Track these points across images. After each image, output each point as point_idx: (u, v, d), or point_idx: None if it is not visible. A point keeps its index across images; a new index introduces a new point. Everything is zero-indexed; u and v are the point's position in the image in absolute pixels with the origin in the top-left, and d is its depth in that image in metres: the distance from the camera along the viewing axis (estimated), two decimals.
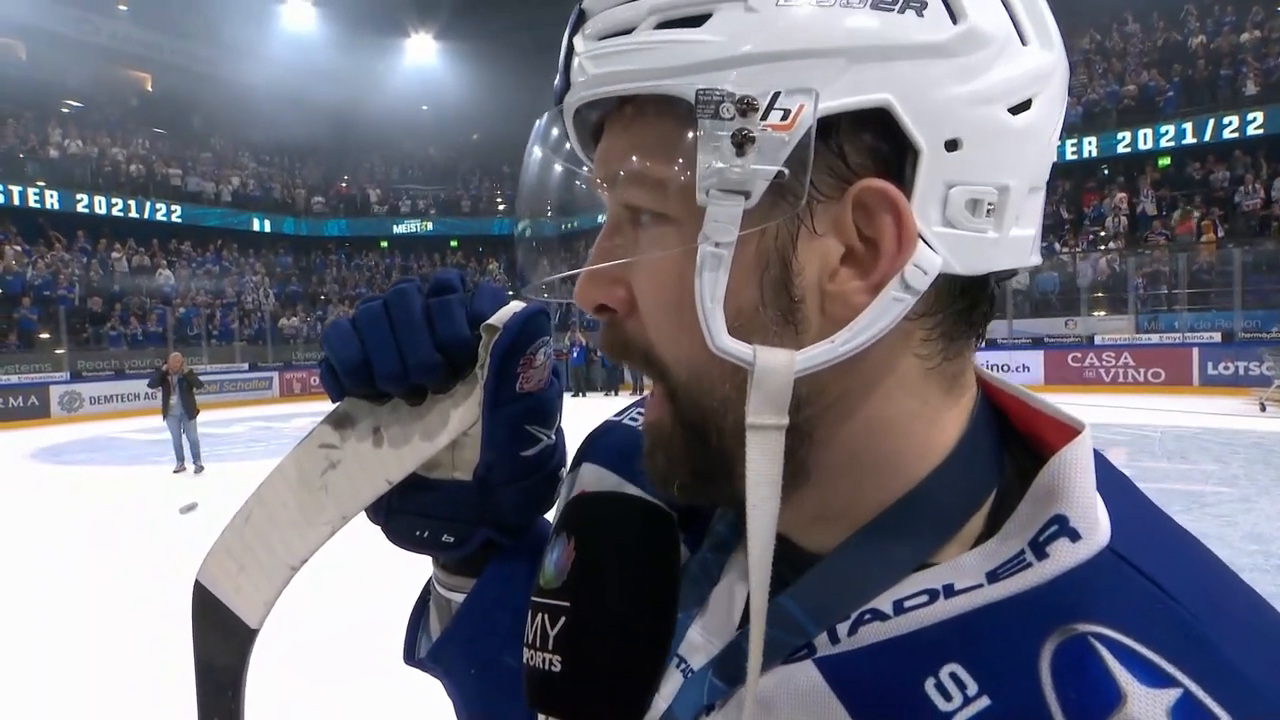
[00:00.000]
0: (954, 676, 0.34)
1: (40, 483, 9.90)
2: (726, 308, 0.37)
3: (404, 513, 0.55)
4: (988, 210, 0.37)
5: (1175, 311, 16.76)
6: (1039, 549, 0.36)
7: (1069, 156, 21.08)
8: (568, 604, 0.41)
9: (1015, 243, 0.38)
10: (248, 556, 0.52)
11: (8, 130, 23.51)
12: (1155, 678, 0.31)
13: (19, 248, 21.37)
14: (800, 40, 0.34)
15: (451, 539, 0.55)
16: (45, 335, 19.18)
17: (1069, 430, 0.39)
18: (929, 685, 0.34)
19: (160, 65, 29.70)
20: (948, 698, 0.34)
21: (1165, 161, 20.09)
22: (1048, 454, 0.38)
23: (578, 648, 0.40)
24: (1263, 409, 12.00)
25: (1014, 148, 0.37)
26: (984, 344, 0.43)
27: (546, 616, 0.41)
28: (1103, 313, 17.72)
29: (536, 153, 0.44)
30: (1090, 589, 0.34)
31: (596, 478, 0.54)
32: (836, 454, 0.40)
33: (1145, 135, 20.08)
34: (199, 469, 9.59)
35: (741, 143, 0.34)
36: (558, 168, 0.44)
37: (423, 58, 34.47)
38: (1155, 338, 16.21)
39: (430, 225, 31.51)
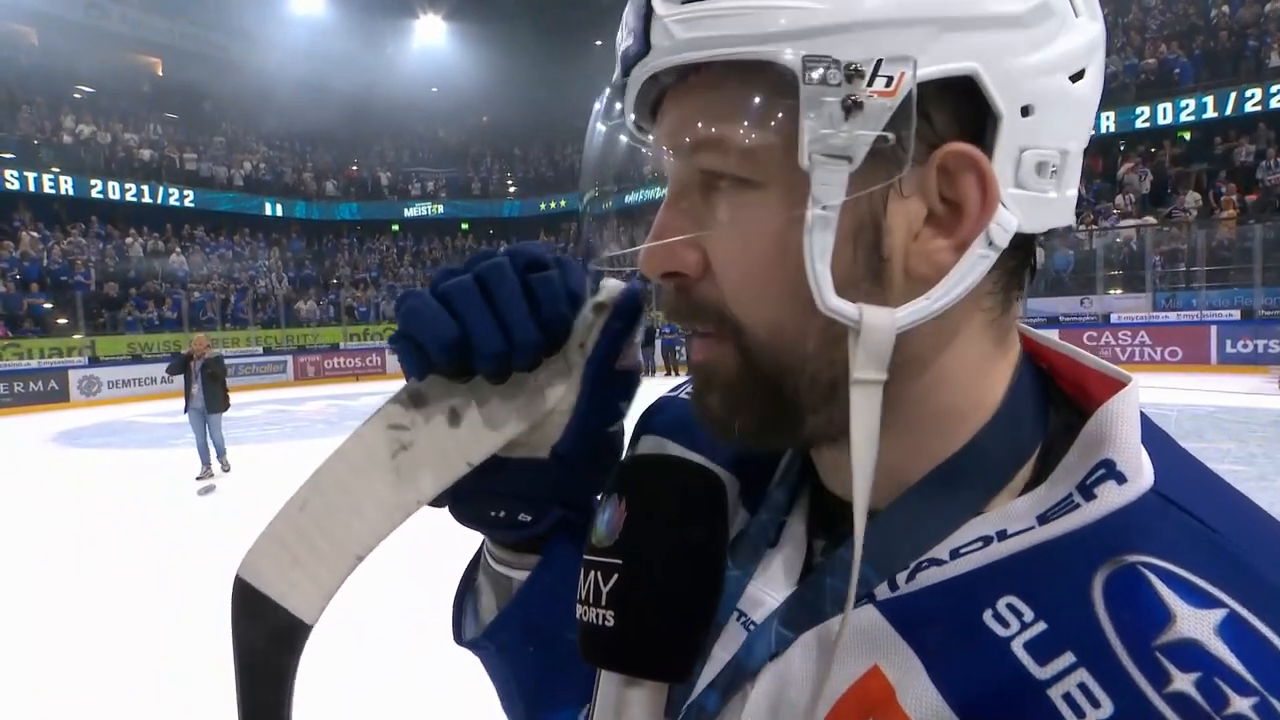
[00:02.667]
0: (1010, 607, 0.36)
1: (60, 465, 10.07)
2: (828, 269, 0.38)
3: (480, 492, 0.54)
4: (1051, 172, 0.39)
5: (1194, 289, 16.56)
6: (1087, 491, 0.38)
7: None
8: (620, 562, 0.42)
9: (1068, 202, 0.41)
10: (303, 547, 0.49)
11: (21, 117, 23.65)
12: (1201, 599, 0.33)
13: (35, 234, 21.58)
14: (898, 9, 0.36)
15: (529, 518, 0.55)
16: (63, 320, 19.44)
17: (1115, 383, 0.41)
18: (987, 616, 0.36)
19: (171, 50, 29.76)
20: (1005, 625, 0.36)
21: (1185, 136, 19.76)
22: (1093, 408, 0.40)
23: (629, 603, 0.41)
24: None
25: (1074, 114, 0.40)
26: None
27: (599, 574, 0.42)
28: (1119, 291, 17.52)
29: (602, 126, 0.44)
30: (1137, 525, 0.36)
31: (657, 447, 0.56)
32: (906, 408, 0.41)
33: (1165, 109, 19.75)
34: (225, 467, 8.53)
35: (850, 109, 0.35)
36: (625, 139, 0.44)
37: (432, 39, 34.32)
38: (1173, 316, 16.05)
39: (441, 208, 31.54)
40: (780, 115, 0.37)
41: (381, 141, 33.63)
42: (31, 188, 22.58)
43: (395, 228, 31.23)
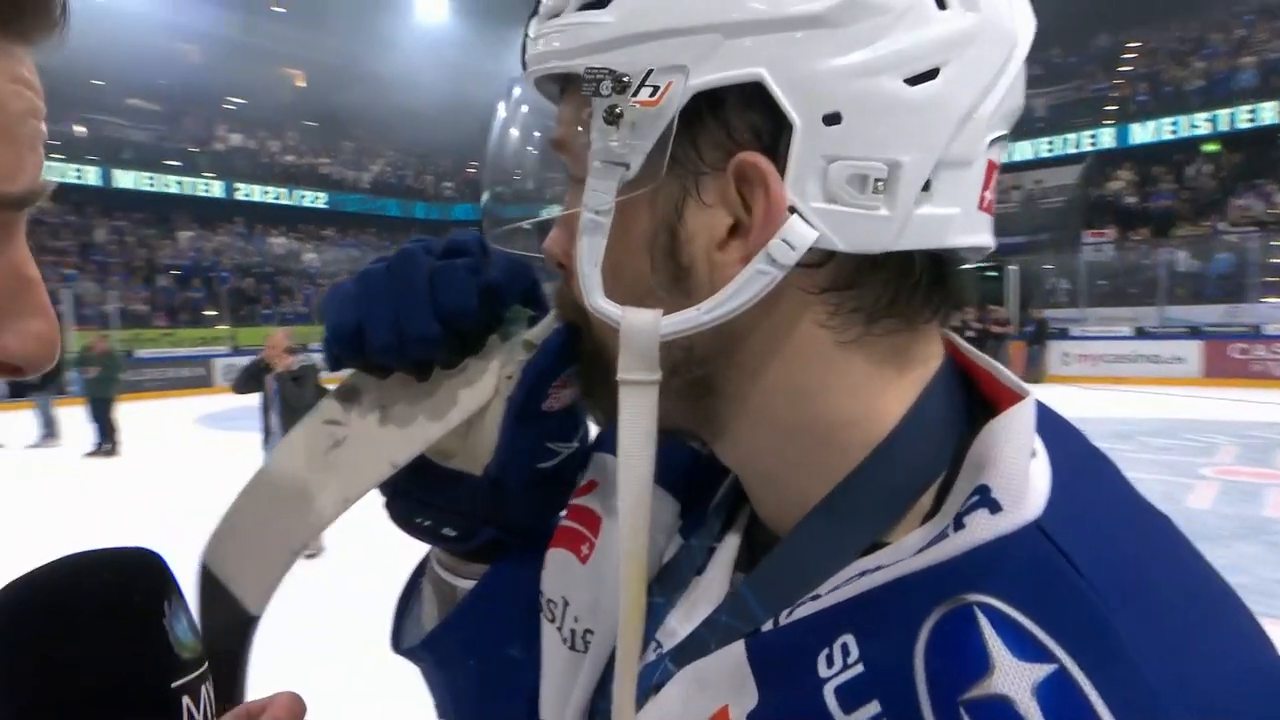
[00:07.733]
0: (843, 646, 0.34)
1: (205, 445, 11.00)
2: (621, 272, 0.40)
3: (409, 496, 0.51)
4: (877, 186, 0.35)
5: None
6: (958, 520, 0.34)
7: (1224, 128, 18.87)
8: None
9: (925, 222, 0.36)
10: (250, 538, 0.48)
11: (182, 128, 26.12)
12: (1030, 651, 0.30)
13: (191, 233, 23.82)
14: (676, 19, 0.36)
15: (454, 533, 0.52)
16: (211, 312, 21.36)
17: (1017, 398, 0.37)
18: (821, 655, 0.35)
19: (311, 64, 31.99)
20: (830, 665, 0.34)
21: None
22: None
23: None
24: None
25: (909, 121, 0.35)
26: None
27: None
28: (1275, 300, 15.84)
29: (507, 119, 0.50)
30: (995, 562, 0.32)
31: (608, 465, 0.53)
32: (755, 414, 0.41)
33: None
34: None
35: (613, 118, 0.37)
36: (515, 134, 0.50)
37: None
38: None
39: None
40: (585, 124, 0.39)
41: None
42: (190, 192, 25.02)
43: None
